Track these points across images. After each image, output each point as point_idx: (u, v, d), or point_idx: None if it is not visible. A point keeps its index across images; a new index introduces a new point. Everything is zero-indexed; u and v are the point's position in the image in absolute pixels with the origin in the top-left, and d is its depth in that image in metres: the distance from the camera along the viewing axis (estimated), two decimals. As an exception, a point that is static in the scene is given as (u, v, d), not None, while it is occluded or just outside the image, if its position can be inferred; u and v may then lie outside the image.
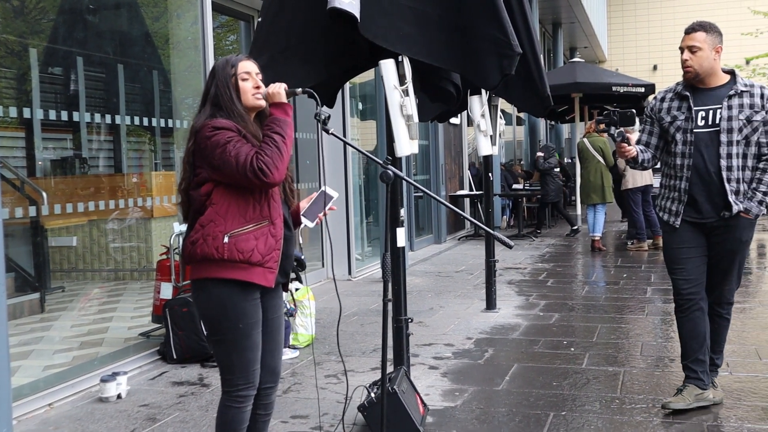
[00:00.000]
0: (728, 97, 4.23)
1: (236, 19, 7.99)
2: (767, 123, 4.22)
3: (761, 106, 4.21)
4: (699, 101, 4.30)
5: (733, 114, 4.20)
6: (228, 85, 3.12)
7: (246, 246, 3.02)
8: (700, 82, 4.32)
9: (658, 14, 30.05)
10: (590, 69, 16.38)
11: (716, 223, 4.28)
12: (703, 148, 4.24)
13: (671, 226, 4.40)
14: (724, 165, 4.19)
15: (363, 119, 10.82)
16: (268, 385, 3.33)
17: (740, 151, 4.21)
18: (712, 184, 4.24)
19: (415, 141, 4.36)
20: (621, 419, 4.29)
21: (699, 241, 4.37)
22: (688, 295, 4.40)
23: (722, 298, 4.47)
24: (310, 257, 8.65)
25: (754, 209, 4.22)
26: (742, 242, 4.31)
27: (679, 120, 4.33)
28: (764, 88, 4.29)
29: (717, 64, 4.29)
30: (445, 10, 4.23)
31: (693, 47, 4.24)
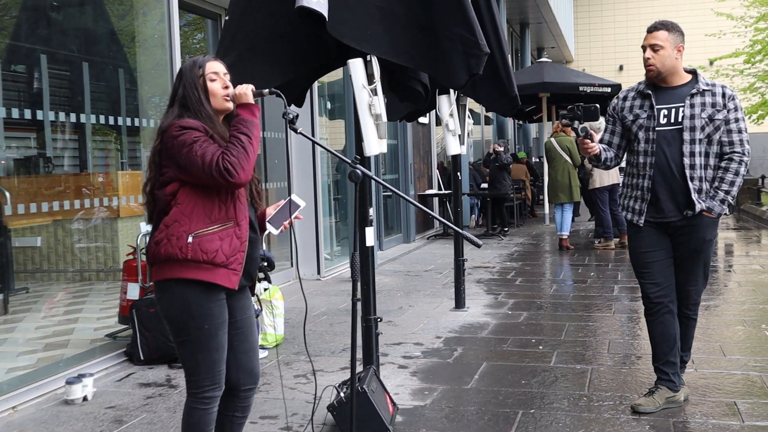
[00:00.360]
0: (691, 95, 4.25)
1: (203, 18, 7.93)
2: (729, 122, 4.24)
3: (723, 105, 4.23)
4: (661, 100, 4.32)
5: (695, 112, 4.22)
6: (196, 87, 3.11)
7: (210, 246, 3.00)
8: (662, 81, 4.33)
9: (624, 15, 30.35)
10: (557, 69, 16.54)
11: (679, 223, 4.29)
12: (665, 146, 4.26)
13: (635, 225, 4.41)
14: (687, 163, 4.21)
15: (332, 118, 10.80)
16: (248, 387, 3.32)
17: (703, 149, 4.22)
18: (674, 183, 4.25)
19: (383, 140, 4.36)
20: (589, 416, 4.32)
21: (663, 243, 4.38)
22: (657, 299, 4.42)
23: (689, 299, 4.46)
24: (279, 257, 8.62)
25: (717, 208, 4.23)
26: (706, 241, 4.32)
27: (641, 118, 4.35)
28: (726, 87, 4.32)
29: (679, 63, 4.32)
30: (413, 9, 4.23)
31: (655, 46, 4.26)
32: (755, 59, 20.46)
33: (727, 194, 4.23)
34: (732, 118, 4.24)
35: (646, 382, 4.77)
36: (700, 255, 4.35)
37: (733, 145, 4.23)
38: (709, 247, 4.37)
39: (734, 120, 4.24)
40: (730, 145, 4.24)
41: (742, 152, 4.23)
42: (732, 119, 4.24)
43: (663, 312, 4.42)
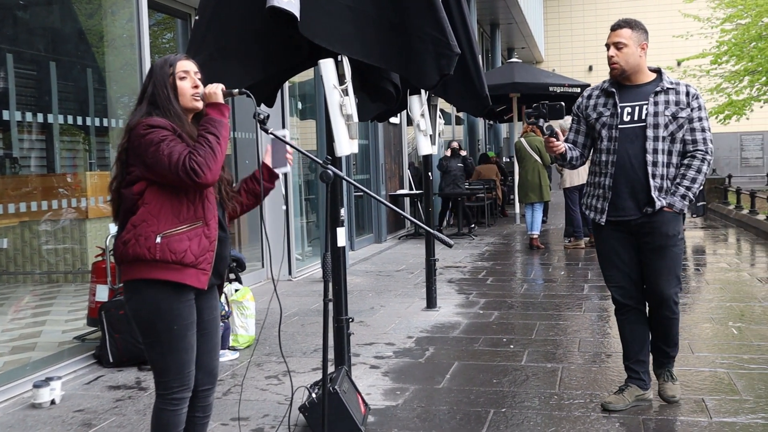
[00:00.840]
0: (655, 93, 4.26)
1: (173, 17, 7.88)
2: (692, 120, 4.24)
3: (686, 103, 4.24)
4: (625, 98, 4.32)
5: (659, 110, 4.22)
6: (165, 85, 3.09)
7: (179, 247, 2.98)
8: (626, 79, 4.33)
9: (593, 16, 30.61)
10: (527, 69, 16.65)
11: (640, 221, 4.27)
12: (628, 144, 4.25)
13: (598, 224, 4.42)
14: (649, 160, 4.20)
15: (303, 118, 10.77)
16: (206, 387, 3.30)
17: (666, 147, 4.22)
18: (636, 180, 4.24)
19: (354, 140, 4.36)
20: (560, 415, 4.35)
21: (627, 244, 4.37)
22: (624, 300, 4.45)
23: (664, 298, 4.33)
24: (250, 257, 8.58)
25: (678, 203, 4.22)
26: (669, 237, 4.27)
27: (604, 116, 4.35)
28: (690, 86, 4.33)
29: (643, 61, 4.32)
30: (384, 9, 4.23)
31: (619, 44, 4.27)
32: (721, 60, 20.71)
33: (688, 190, 4.22)
34: (695, 117, 4.25)
35: (617, 380, 4.82)
36: (665, 251, 4.29)
37: (696, 144, 4.24)
38: (675, 243, 4.30)
39: (698, 119, 4.25)
40: (693, 143, 4.25)
41: (705, 150, 4.24)
42: (695, 118, 4.25)
43: (632, 312, 4.46)
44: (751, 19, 19.67)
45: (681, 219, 4.35)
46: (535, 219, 11.83)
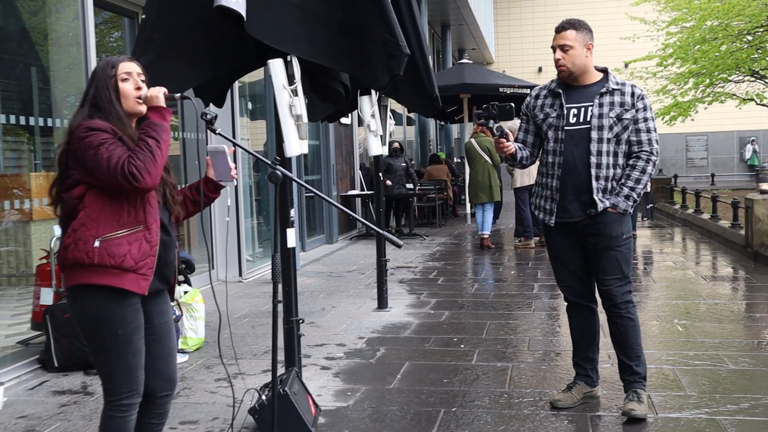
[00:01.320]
0: (600, 94, 4.24)
1: (120, 16, 7.75)
2: (637, 121, 4.24)
3: (632, 104, 4.23)
4: (571, 99, 4.31)
5: (603, 111, 4.21)
6: (108, 87, 3.04)
7: (118, 251, 2.93)
8: (574, 80, 4.32)
9: (542, 18, 30.98)
10: (478, 70, 16.78)
11: (585, 222, 4.26)
12: (573, 145, 4.24)
13: (547, 225, 4.43)
14: (593, 162, 4.20)
15: (253, 119, 10.70)
16: (165, 393, 3.25)
17: (611, 148, 4.21)
18: (580, 182, 4.23)
19: (304, 141, 4.34)
20: (509, 413, 4.38)
21: (576, 245, 4.37)
22: (573, 299, 4.49)
23: (613, 298, 4.31)
24: (200, 259, 8.49)
25: (622, 204, 4.20)
26: (613, 238, 4.24)
27: (551, 117, 4.34)
28: (635, 87, 4.31)
29: (589, 62, 4.31)
30: (333, 10, 4.22)
31: (564, 46, 4.26)
32: (667, 62, 21.09)
33: (632, 191, 4.21)
34: (641, 118, 4.24)
35: (565, 378, 4.87)
36: (610, 252, 4.27)
37: (641, 144, 4.24)
38: (621, 244, 4.27)
39: (643, 119, 4.25)
40: (638, 144, 4.24)
41: (650, 151, 4.24)
42: (641, 119, 4.24)
43: (581, 310, 4.49)
44: (696, 23, 20.06)
45: (626, 220, 4.30)
46: (486, 219, 11.92)
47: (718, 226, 12.27)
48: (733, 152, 31.70)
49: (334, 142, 13.14)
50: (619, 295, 4.31)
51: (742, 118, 29.24)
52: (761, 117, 28.13)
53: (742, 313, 6.94)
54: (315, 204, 12.59)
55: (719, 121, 30.09)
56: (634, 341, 4.33)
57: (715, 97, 22.06)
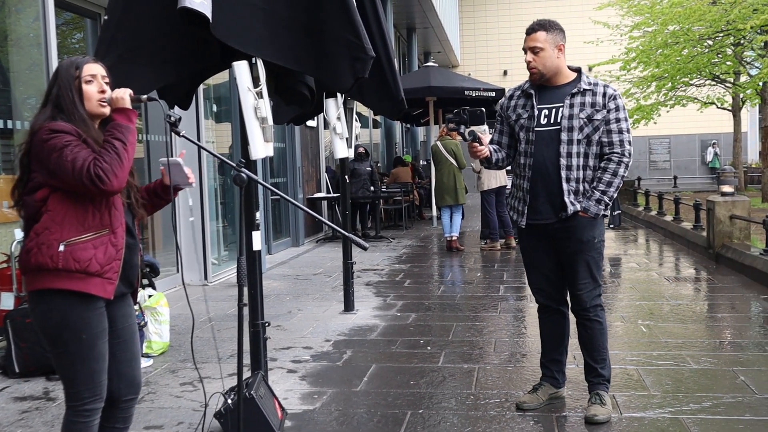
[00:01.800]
0: (571, 95, 4.19)
1: (81, 17, 7.67)
2: (609, 122, 4.18)
3: (603, 105, 4.17)
4: (543, 99, 4.27)
5: (574, 112, 4.16)
6: (71, 87, 2.99)
7: (83, 255, 2.89)
8: (546, 81, 4.28)
9: (507, 21, 31.19)
10: (444, 73, 16.84)
11: (556, 225, 4.24)
12: (543, 147, 4.21)
13: (519, 226, 4.43)
14: (563, 164, 4.16)
15: (218, 121, 10.63)
16: (129, 397, 3.22)
17: (581, 150, 4.17)
18: (551, 184, 4.20)
19: (270, 144, 4.32)
20: (476, 414, 4.40)
21: (547, 247, 4.35)
22: (544, 302, 4.49)
23: (582, 302, 4.31)
24: (164, 262, 8.41)
25: (593, 208, 4.16)
26: (584, 242, 4.22)
27: (522, 118, 4.31)
28: (608, 87, 4.25)
29: (561, 62, 4.25)
30: (298, 12, 4.21)
31: (535, 48, 4.20)
32: (630, 66, 21.35)
33: (603, 194, 4.17)
34: (612, 119, 4.18)
35: (531, 380, 4.90)
36: (580, 257, 4.25)
37: (612, 146, 4.18)
38: (591, 249, 4.25)
39: (615, 120, 4.19)
40: (609, 145, 4.18)
41: (621, 153, 4.17)
42: (612, 119, 4.18)
43: (552, 313, 4.49)
44: (658, 27, 20.33)
45: (598, 224, 4.27)
46: (454, 221, 11.97)
47: (680, 227, 12.44)
48: (694, 155, 32.14)
49: (300, 145, 13.10)
50: (588, 300, 4.31)
51: (703, 122, 29.69)
52: (722, 120, 28.56)
53: (704, 313, 7.04)
54: (281, 207, 12.54)
55: (681, 125, 30.50)
56: (600, 344, 4.36)
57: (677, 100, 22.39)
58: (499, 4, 31.81)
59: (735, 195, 10.30)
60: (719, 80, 21.92)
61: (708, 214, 10.42)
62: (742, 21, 17.05)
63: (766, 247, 8.70)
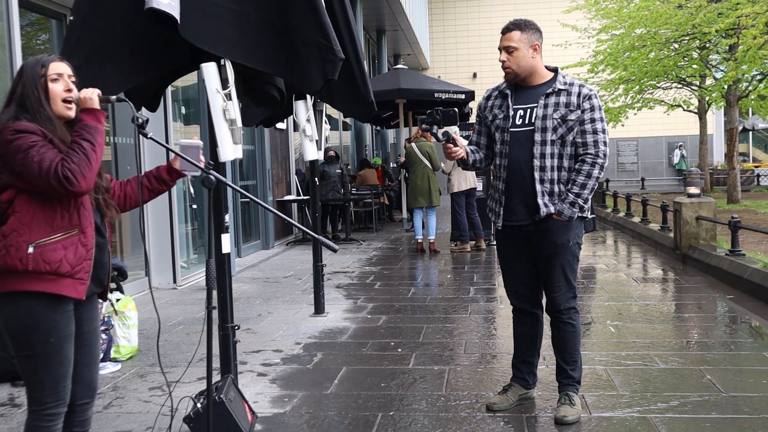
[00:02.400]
0: (545, 95, 4.17)
1: (47, 17, 7.58)
2: (583, 122, 4.15)
3: (577, 105, 4.14)
4: (519, 100, 4.25)
5: (548, 113, 4.14)
6: (36, 86, 2.94)
7: (54, 256, 2.86)
8: (522, 81, 4.25)
9: (477, 24, 31.33)
10: (413, 76, 16.87)
11: (531, 227, 4.23)
12: (518, 147, 4.19)
13: (496, 227, 4.43)
14: (536, 165, 4.15)
15: (187, 123, 10.56)
16: (85, 401, 3.18)
17: (555, 150, 4.14)
18: (525, 185, 4.18)
19: (239, 146, 4.30)
20: (446, 416, 4.40)
21: (523, 249, 4.34)
22: (519, 304, 4.49)
23: (557, 304, 4.31)
24: (133, 266, 8.34)
25: (566, 211, 4.13)
26: (558, 245, 4.21)
27: (498, 119, 4.29)
28: (584, 87, 4.21)
29: (537, 62, 4.22)
30: (267, 13, 4.19)
31: (509, 48, 4.18)
32: (598, 69, 21.53)
33: (577, 197, 4.13)
34: (587, 119, 4.15)
35: (502, 381, 4.91)
36: (555, 260, 4.23)
37: (586, 147, 4.16)
38: (566, 252, 4.23)
39: (589, 120, 4.16)
40: (583, 146, 4.16)
41: (595, 154, 4.15)
42: (587, 119, 4.15)
43: (525, 315, 4.49)
44: (625, 30, 20.53)
45: (573, 226, 4.23)
46: (429, 224, 12.02)
47: (648, 229, 12.57)
48: (662, 157, 32.49)
49: (270, 147, 13.05)
50: (562, 302, 4.31)
51: (670, 124, 30.03)
52: (688, 123, 28.92)
53: (671, 313, 7.11)
54: (251, 209, 12.49)
55: (648, 127, 30.82)
56: (572, 346, 4.37)
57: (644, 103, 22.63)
58: (468, 6, 31.96)
59: (701, 196, 10.42)
60: (685, 83, 22.19)
61: (675, 215, 10.54)
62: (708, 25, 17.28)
63: (731, 248, 8.82)
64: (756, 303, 7.33)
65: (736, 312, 7.07)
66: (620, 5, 21.17)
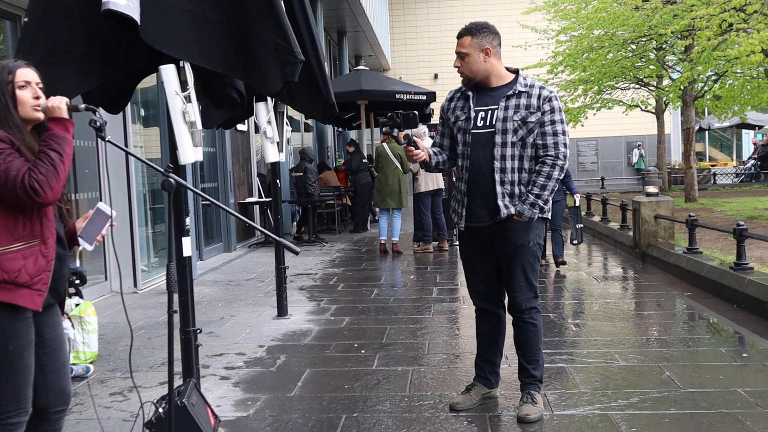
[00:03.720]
0: (506, 97, 4.20)
1: (0, 18, 7.45)
2: (543, 124, 4.17)
3: (537, 107, 4.17)
4: (480, 101, 4.27)
5: (508, 115, 4.16)
6: (4, 93, 2.90)
7: (12, 266, 2.81)
8: (482, 83, 4.28)
9: (437, 25, 31.44)
10: (375, 77, 16.87)
11: (492, 228, 4.27)
12: (479, 149, 4.22)
13: (459, 228, 4.45)
14: (497, 166, 4.18)
15: (146, 126, 10.45)
16: (59, 408, 3.14)
17: (516, 152, 4.17)
18: (486, 187, 4.22)
19: (199, 148, 4.26)
20: (410, 416, 4.41)
21: (485, 250, 4.37)
22: (481, 304, 4.52)
23: (518, 304, 4.33)
24: (92, 270, 8.24)
25: (527, 212, 4.16)
26: (518, 246, 4.24)
27: (460, 120, 4.31)
28: (544, 89, 4.24)
29: (491, 65, 4.24)
30: (225, 15, 4.16)
31: (461, 53, 4.23)
32: (558, 70, 21.71)
33: (537, 198, 4.17)
34: (547, 121, 4.18)
35: (465, 380, 4.94)
36: (516, 260, 4.26)
37: (546, 148, 4.19)
38: (526, 252, 4.26)
39: (549, 122, 4.18)
40: (543, 148, 4.19)
41: (555, 155, 4.18)
42: (547, 121, 4.18)
43: (487, 315, 4.52)
44: (584, 32, 20.73)
45: (534, 227, 4.27)
46: (395, 225, 12.04)
47: (608, 227, 12.72)
48: (621, 156, 32.85)
49: (231, 149, 12.97)
50: (524, 302, 4.34)
51: (628, 124, 30.38)
52: (646, 123, 29.29)
53: (631, 311, 7.21)
54: (212, 212, 12.40)
55: (608, 127, 31.15)
56: (534, 346, 4.41)
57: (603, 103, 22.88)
58: (428, 7, 32.04)
59: (659, 195, 10.58)
60: (643, 84, 22.49)
61: (634, 214, 10.68)
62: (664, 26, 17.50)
63: (689, 245, 8.96)
64: (713, 300, 7.46)
65: (694, 309, 7.19)
66: (578, 7, 21.37)
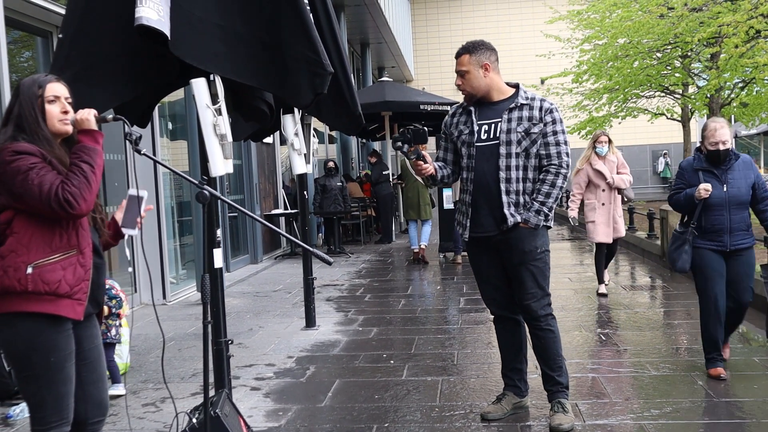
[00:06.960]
0: (509, 110, 4.31)
1: (32, 35, 7.56)
2: (546, 135, 4.29)
3: (539, 118, 4.29)
4: (482, 115, 4.39)
5: (512, 127, 4.28)
6: (33, 106, 2.94)
7: (52, 277, 2.85)
8: (482, 98, 4.40)
9: (459, 35, 31.39)
10: (398, 88, 16.91)
11: (499, 237, 4.34)
12: (484, 161, 4.33)
13: (464, 239, 4.54)
14: (502, 177, 4.27)
15: (173, 139, 10.55)
16: (97, 419, 3.17)
17: (520, 163, 4.29)
18: (491, 197, 4.32)
19: (229, 160, 4.31)
20: (441, 426, 4.41)
21: (494, 259, 4.44)
22: (498, 312, 4.56)
23: (532, 312, 4.36)
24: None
25: (533, 219, 4.26)
26: (526, 253, 4.30)
27: (464, 134, 4.42)
28: (545, 101, 4.36)
29: (491, 80, 4.36)
30: (256, 29, 4.21)
31: (461, 71, 4.38)
32: (582, 78, 21.63)
33: (542, 205, 4.27)
34: (549, 131, 4.30)
35: (495, 390, 4.93)
36: (524, 267, 4.32)
37: (550, 158, 4.30)
38: (534, 258, 4.31)
39: (552, 133, 4.30)
40: (547, 157, 4.30)
41: (558, 164, 4.29)
42: (549, 132, 4.30)
43: (507, 321, 4.56)
44: (608, 40, 20.65)
45: (540, 234, 4.34)
46: (424, 231, 12.28)
47: (635, 237, 12.63)
48: (646, 165, 32.66)
49: (257, 162, 13.05)
50: (538, 309, 4.37)
51: (654, 132, 30.21)
52: (672, 131, 29.09)
53: (660, 320, 7.15)
54: (239, 224, 12.47)
55: (633, 135, 30.97)
56: (554, 352, 4.42)
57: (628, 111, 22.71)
58: (451, 18, 32.08)
59: (687, 203, 10.47)
60: (669, 92, 22.32)
61: (661, 223, 10.60)
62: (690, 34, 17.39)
63: (718, 253, 8.86)
64: (744, 308, 7.37)
65: (724, 318, 7.11)
66: (603, 15, 21.29)
